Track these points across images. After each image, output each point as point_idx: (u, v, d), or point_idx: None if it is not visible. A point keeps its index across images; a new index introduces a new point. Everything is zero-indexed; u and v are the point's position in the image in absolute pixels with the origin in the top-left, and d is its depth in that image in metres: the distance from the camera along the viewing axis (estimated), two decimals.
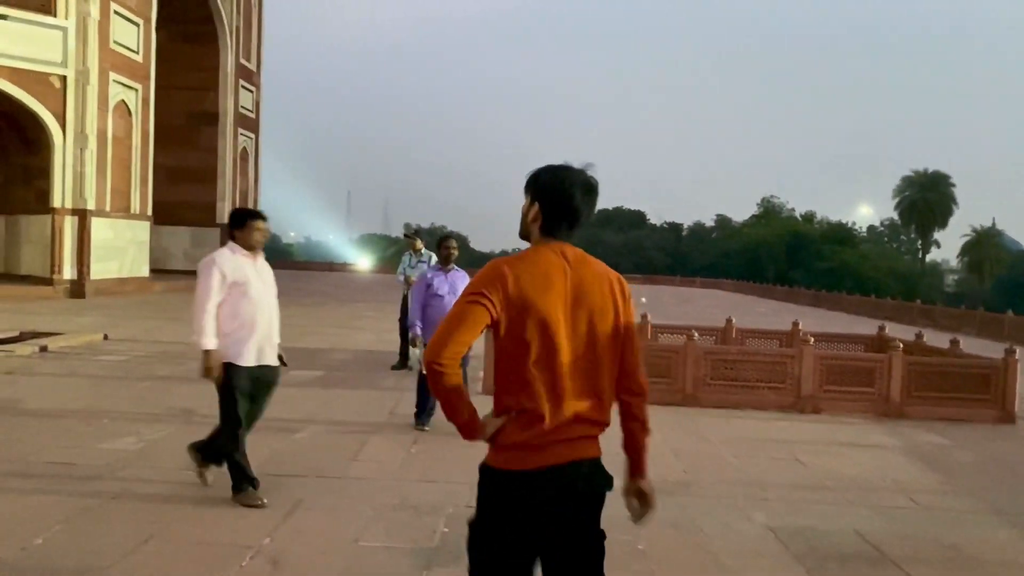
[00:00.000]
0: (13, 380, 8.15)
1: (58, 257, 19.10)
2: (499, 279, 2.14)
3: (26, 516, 4.25)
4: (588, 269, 2.26)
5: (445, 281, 6.90)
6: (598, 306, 2.21)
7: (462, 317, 2.11)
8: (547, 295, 2.14)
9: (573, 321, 2.17)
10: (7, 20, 17.85)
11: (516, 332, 2.12)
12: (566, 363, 2.14)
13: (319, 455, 5.78)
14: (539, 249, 2.24)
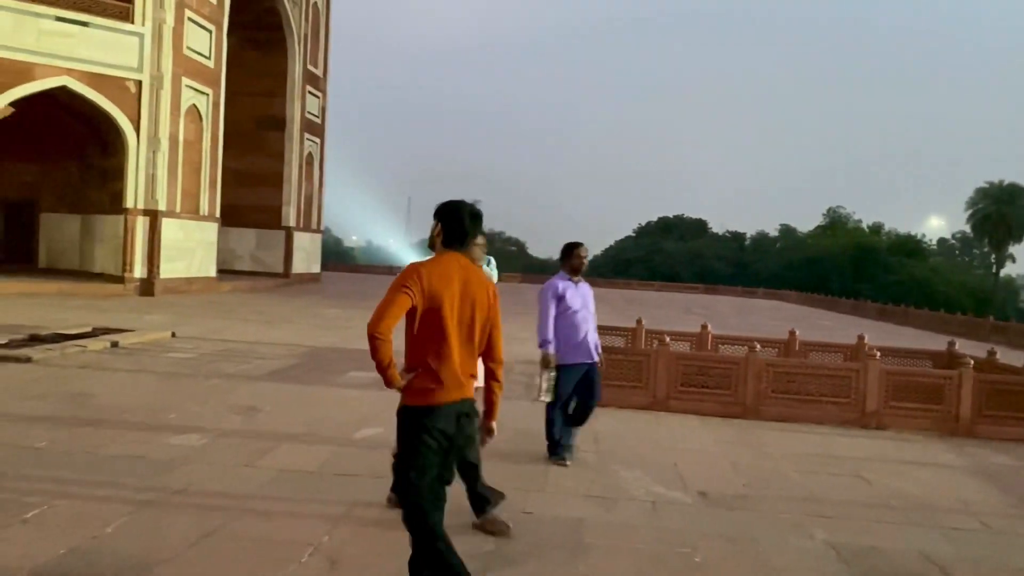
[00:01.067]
0: (86, 375, 8.45)
1: (130, 256, 19.73)
2: (418, 276, 3.13)
3: (97, 506, 4.40)
4: (474, 274, 3.27)
5: (577, 294, 6.11)
6: (479, 300, 3.24)
7: (394, 302, 3.08)
8: (448, 289, 3.15)
9: (461, 308, 3.19)
10: (88, 27, 18.55)
11: (426, 313, 3.12)
12: (456, 337, 3.16)
13: (375, 456, 5.83)
14: (443, 256, 3.25)
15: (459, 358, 3.18)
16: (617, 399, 8.21)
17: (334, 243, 68.37)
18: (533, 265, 73.39)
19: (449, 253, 3.26)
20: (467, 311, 3.21)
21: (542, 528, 4.56)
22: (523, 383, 9.59)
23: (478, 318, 3.24)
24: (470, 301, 3.22)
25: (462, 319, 3.20)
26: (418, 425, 3.13)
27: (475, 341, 3.26)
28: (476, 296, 3.24)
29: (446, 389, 3.14)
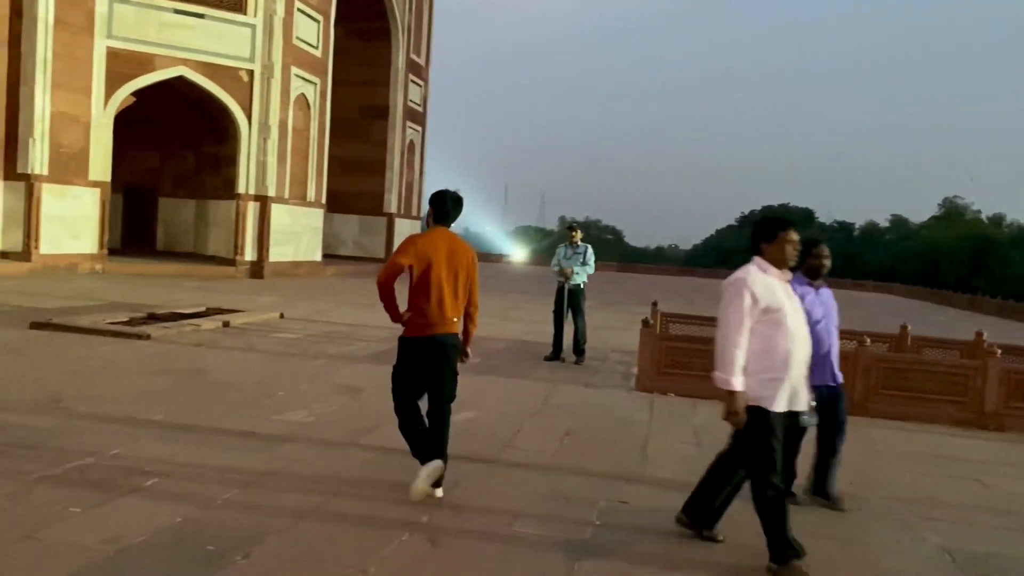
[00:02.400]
0: (200, 352, 8.85)
1: (241, 240, 20.55)
2: (412, 244, 4.49)
3: (209, 478, 4.60)
4: (457, 244, 4.59)
5: (818, 301, 4.88)
6: (461, 263, 4.55)
7: (394, 263, 4.41)
8: (435, 254, 4.47)
9: (447, 268, 4.49)
10: (204, 19, 19.35)
11: (420, 272, 4.44)
12: (442, 288, 4.45)
13: (475, 439, 5.90)
14: (433, 230, 4.60)
15: (444, 304, 4.48)
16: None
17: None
18: (630, 254, 72.80)
19: (438, 228, 4.64)
20: (451, 270, 4.53)
21: (639, 518, 4.51)
22: (620, 372, 9.51)
23: (460, 276, 4.57)
24: (453, 263, 4.54)
25: (447, 276, 4.50)
26: (411, 347, 4.56)
27: (458, 293, 4.56)
28: (459, 260, 4.57)
29: (433, 325, 4.49)
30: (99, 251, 18.40)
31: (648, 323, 8.60)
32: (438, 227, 4.62)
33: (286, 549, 3.68)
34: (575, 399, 7.72)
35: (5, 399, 6.09)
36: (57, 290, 14.05)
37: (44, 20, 16.85)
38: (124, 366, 7.73)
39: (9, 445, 4.91)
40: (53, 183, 17.22)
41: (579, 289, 9.91)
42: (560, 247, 10.10)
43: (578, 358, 9.82)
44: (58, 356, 7.95)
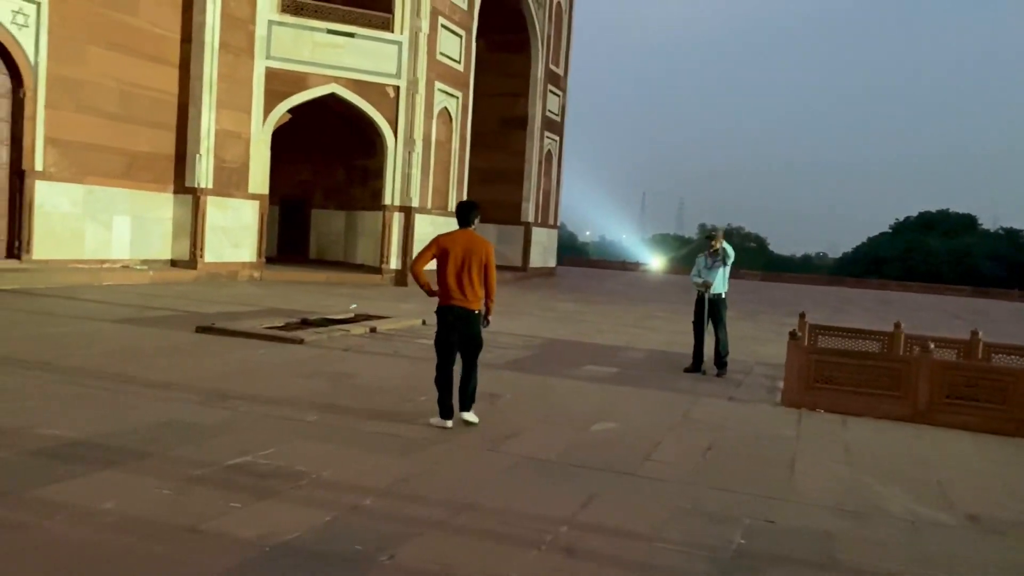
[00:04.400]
0: (349, 356, 9.23)
1: (386, 249, 21.33)
2: (436, 241, 6.17)
3: (358, 479, 4.77)
4: (475, 240, 6.12)
5: None
6: (475, 256, 6.06)
7: (423, 253, 6.15)
8: (453, 248, 6.05)
9: (462, 258, 6.03)
10: (354, 38, 20.24)
11: (441, 261, 6.09)
12: (457, 272, 6.04)
13: (613, 450, 5.85)
14: (455, 230, 6.20)
15: (460, 283, 6.07)
16: (871, 408, 7.62)
17: (568, 238, 69.49)
18: (774, 262, 70.21)
19: (460, 229, 6.25)
20: (465, 260, 6.07)
21: (786, 539, 4.33)
22: (765, 386, 9.17)
23: (474, 265, 6.08)
24: (468, 255, 6.07)
25: (462, 264, 6.06)
26: (440, 314, 6.22)
27: (473, 278, 6.08)
28: (473, 253, 6.09)
29: (451, 298, 6.12)
30: (257, 259, 19.57)
31: (796, 335, 8.26)
32: (460, 228, 6.25)
33: (429, 552, 3.77)
34: (717, 413, 7.52)
35: (172, 397, 6.56)
36: (219, 296, 15.04)
37: (210, 44, 18.12)
38: (280, 369, 8.17)
39: (177, 441, 5.28)
40: (217, 196, 18.47)
41: (720, 299, 9.65)
42: (699, 256, 9.87)
43: (720, 370, 9.55)
44: (220, 358, 8.50)
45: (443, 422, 6.12)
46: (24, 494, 4.09)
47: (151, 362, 8.04)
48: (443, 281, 6.11)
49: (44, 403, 6.06)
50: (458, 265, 6.05)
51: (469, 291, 6.07)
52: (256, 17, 18.99)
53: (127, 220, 17.27)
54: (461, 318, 6.12)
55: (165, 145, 18.00)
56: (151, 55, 17.45)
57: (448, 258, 6.06)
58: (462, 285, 6.05)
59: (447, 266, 6.07)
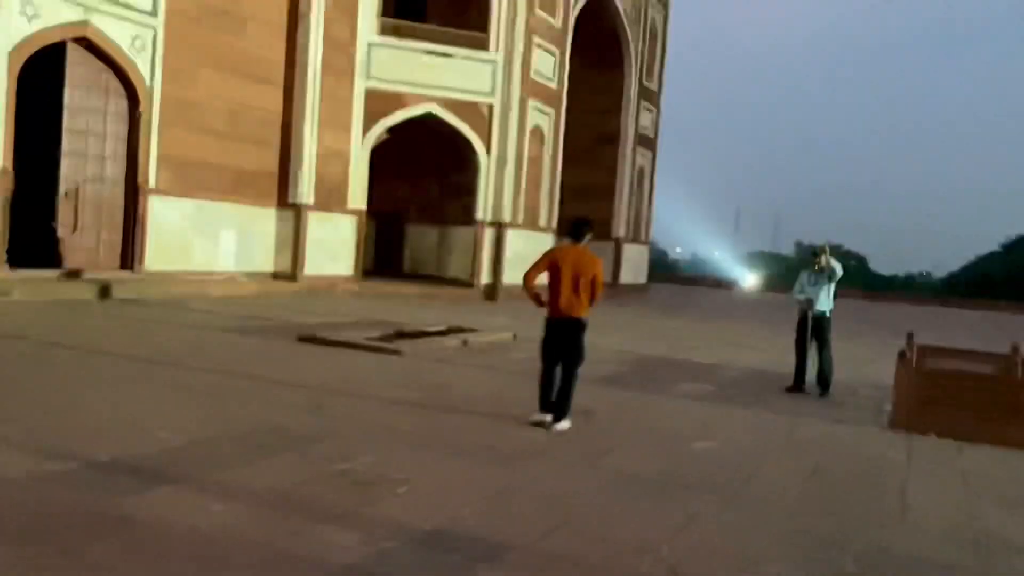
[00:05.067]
0: (443, 368, 9.32)
1: (478, 264, 21.54)
2: (548, 254, 6.73)
3: (456, 489, 4.79)
4: (586, 254, 6.57)
5: None
6: (583, 269, 6.45)
7: (535, 266, 6.61)
8: (563, 262, 6.48)
9: (571, 272, 6.42)
10: (451, 58, 20.60)
11: (552, 275, 6.49)
12: (566, 285, 6.43)
13: (714, 470, 5.70)
14: (564, 246, 6.76)
15: (566, 296, 6.44)
16: (989, 434, 7.20)
17: (659, 255, 68.59)
18: (876, 281, 67.62)
19: (571, 244, 6.66)
20: (574, 274, 6.43)
21: (902, 568, 4.11)
22: (872, 408, 8.79)
23: (581, 279, 6.42)
24: (576, 269, 6.44)
25: (570, 278, 6.42)
26: (547, 325, 6.64)
27: (580, 292, 6.44)
28: (582, 267, 6.46)
29: (558, 310, 6.50)
30: (354, 272, 20.04)
31: (905, 355, 7.90)
32: (571, 243, 6.69)
33: (527, 563, 3.73)
34: (821, 434, 7.24)
35: (276, 404, 6.75)
36: (318, 307, 15.45)
37: (313, 66, 18.75)
38: (378, 378, 8.31)
39: (281, 448, 5.41)
40: (317, 211, 19.03)
41: (824, 317, 9.32)
42: (803, 272, 9.57)
43: (823, 391, 9.21)
44: (321, 367, 8.70)
45: (541, 416, 6.56)
46: (143, 494, 4.26)
47: (255, 370, 8.30)
48: (554, 294, 6.50)
49: (157, 407, 6.32)
50: (568, 279, 6.43)
51: (576, 304, 6.48)
52: (357, 39, 19.55)
53: (233, 234, 17.97)
54: (566, 328, 6.54)
55: (269, 162, 18.68)
56: (258, 76, 18.18)
57: (559, 272, 6.45)
58: (571, 298, 6.45)
59: (558, 280, 6.45)
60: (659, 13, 31.52)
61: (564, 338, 6.55)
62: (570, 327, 6.52)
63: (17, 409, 5.91)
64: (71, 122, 14.87)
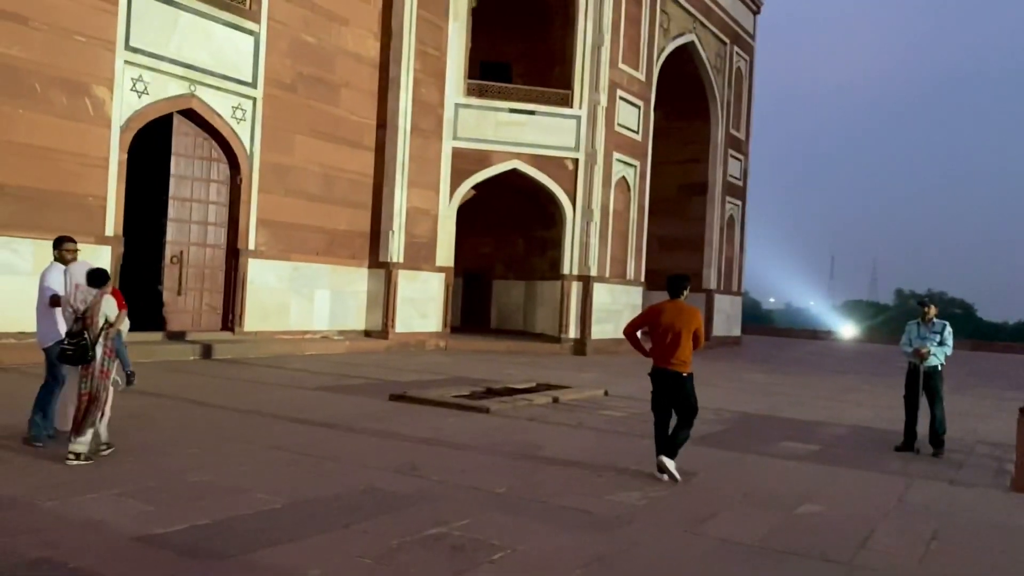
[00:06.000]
0: (534, 426, 9.21)
1: (565, 318, 21.44)
2: (648, 310, 7.12)
3: (551, 555, 4.65)
4: (685, 308, 6.85)
5: None
6: (679, 324, 6.72)
7: (635, 321, 7.24)
8: (662, 317, 6.80)
9: (670, 326, 6.73)
10: (535, 115, 20.89)
11: (653, 328, 6.86)
12: (666, 338, 6.74)
13: (822, 536, 5.39)
14: (665, 301, 6.98)
15: (666, 348, 6.74)
16: None
17: (752, 306, 67.02)
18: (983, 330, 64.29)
19: (670, 300, 6.93)
20: (674, 327, 6.72)
21: None
22: (991, 468, 8.23)
23: (683, 331, 6.71)
24: (676, 323, 6.72)
25: (670, 331, 6.72)
26: (653, 376, 6.90)
27: (682, 344, 6.71)
28: (676, 322, 6.73)
29: (660, 361, 6.81)
30: (443, 329, 20.25)
31: None
32: (671, 299, 6.94)
33: None
34: (938, 497, 6.79)
35: (370, 464, 6.76)
36: (409, 364, 15.61)
37: (403, 128, 19.30)
38: (468, 437, 8.26)
39: (375, 510, 5.40)
40: (407, 269, 19.39)
41: (936, 371, 8.83)
42: (910, 324, 9.12)
43: (936, 450, 8.67)
44: (412, 426, 8.72)
45: (659, 458, 6.78)
46: (241, 558, 4.29)
47: (348, 429, 8.38)
48: (655, 346, 6.84)
49: (255, 468, 6.42)
50: (669, 332, 6.73)
51: (679, 356, 6.73)
52: (444, 101, 20.07)
53: (327, 293, 18.45)
54: (672, 381, 6.81)
55: (361, 223, 19.20)
56: (350, 140, 18.82)
57: (659, 326, 6.78)
58: (673, 351, 6.73)
59: (659, 333, 6.79)
60: (744, 61, 31.33)
61: (673, 392, 6.84)
62: (674, 379, 6.79)
63: (127, 469, 6.09)
64: (176, 190, 15.67)
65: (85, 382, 6.29)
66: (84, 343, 6.24)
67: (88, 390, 6.28)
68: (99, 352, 6.33)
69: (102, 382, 6.36)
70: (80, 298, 6.37)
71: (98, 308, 6.32)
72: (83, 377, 6.30)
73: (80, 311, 6.31)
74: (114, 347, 6.53)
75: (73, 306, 6.35)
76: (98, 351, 6.33)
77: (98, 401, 6.30)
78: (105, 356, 6.38)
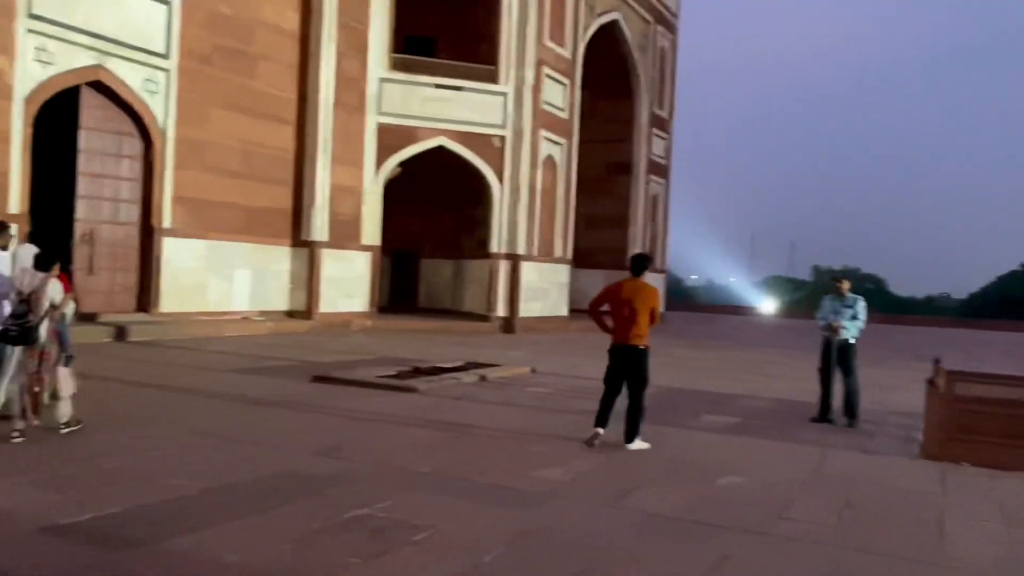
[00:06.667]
0: (461, 405, 9.16)
1: (494, 297, 21.45)
2: (607, 288, 7.39)
3: (475, 534, 4.62)
4: (644, 287, 7.16)
5: None
6: (636, 301, 7.02)
7: (597, 298, 7.42)
8: (621, 294, 7.13)
9: (627, 303, 7.05)
10: (461, 91, 20.70)
11: (613, 306, 7.15)
12: (623, 316, 7.06)
13: (743, 508, 5.50)
14: (623, 279, 7.29)
15: (623, 325, 7.06)
16: (1018, 464, 6.96)
17: (675, 283, 68.28)
18: (895, 304, 66.96)
19: (630, 278, 7.21)
20: (628, 305, 7.03)
21: None
22: (901, 437, 8.55)
23: (640, 309, 7.01)
24: (631, 300, 7.03)
25: (627, 308, 7.02)
26: (611, 352, 7.22)
27: (638, 319, 7.01)
28: (635, 298, 7.03)
29: (619, 338, 7.11)
30: (369, 309, 20.00)
31: (934, 383, 7.68)
32: (630, 277, 7.23)
33: None
34: (851, 466, 7.02)
35: (292, 447, 6.61)
36: (333, 345, 15.36)
37: (325, 103, 18.88)
38: (394, 418, 8.17)
39: (296, 494, 5.27)
40: (331, 248, 19.05)
41: (849, 345, 9.11)
42: (825, 299, 9.38)
43: (850, 420, 8.98)
44: (336, 407, 8.57)
45: (595, 429, 7.15)
46: (154, 545, 4.13)
47: (270, 412, 8.18)
48: (615, 322, 7.11)
49: (169, 453, 6.20)
50: (627, 308, 7.01)
51: (635, 331, 7.03)
52: (368, 75, 19.69)
53: (247, 273, 17.98)
54: (628, 355, 7.10)
55: (282, 200, 18.75)
56: (270, 115, 18.31)
57: (619, 302, 7.09)
58: (630, 326, 7.02)
59: (621, 310, 7.06)
60: (667, 40, 31.64)
61: (628, 365, 7.12)
62: (633, 355, 7.08)
63: (36, 455, 5.81)
64: (86, 165, 14.98)
65: (32, 362, 6.42)
66: (28, 325, 6.33)
67: (34, 371, 6.43)
68: (42, 334, 6.42)
69: (45, 363, 6.49)
70: (27, 281, 6.45)
71: (44, 291, 6.41)
72: (29, 358, 6.42)
73: (25, 294, 6.40)
74: (57, 329, 6.61)
75: (18, 288, 6.43)
76: (42, 333, 6.41)
77: (43, 382, 6.47)
78: (48, 338, 6.50)
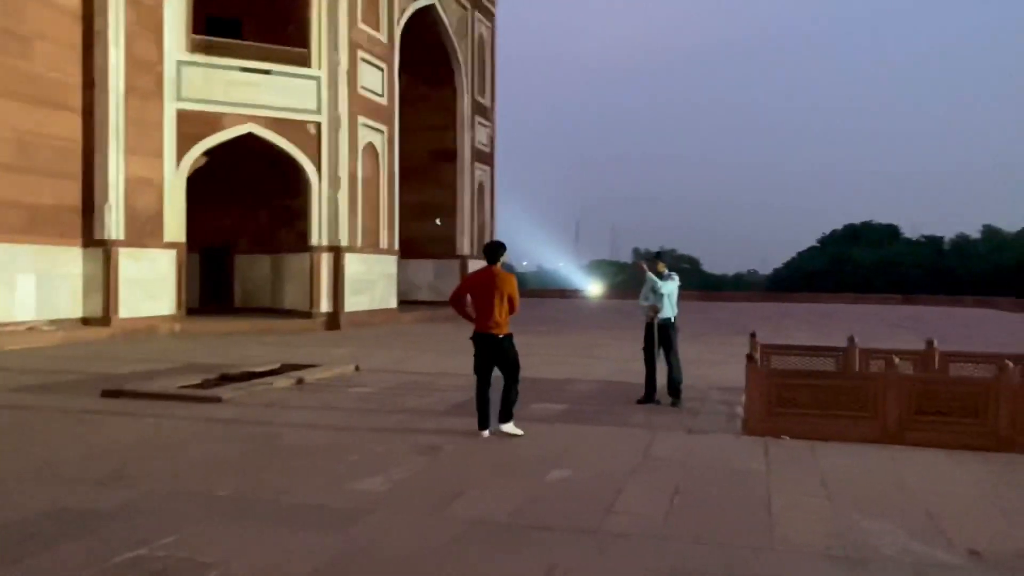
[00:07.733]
0: (272, 414, 8.39)
1: (316, 292, 20.41)
2: (467, 278, 7.58)
3: (274, 566, 4.01)
4: (501, 275, 7.16)
5: None
6: (498, 289, 7.05)
7: (459, 287, 7.46)
8: (483, 282, 7.16)
9: (489, 291, 7.06)
10: (270, 75, 19.47)
11: (473, 295, 7.23)
12: (486, 303, 7.07)
13: (572, 504, 5.19)
14: (483, 268, 7.30)
15: (487, 313, 7.04)
16: (838, 431, 7.14)
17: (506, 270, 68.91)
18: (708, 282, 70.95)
19: (487, 266, 7.23)
20: (490, 293, 7.02)
21: None
22: (724, 413, 8.64)
23: (496, 297, 7.00)
24: (492, 289, 7.02)
25: (490, 296, 7.02)
26: (475, 341, 7.19)
27: (501, 307, 7.03)
28: (496, 286, 7.02)
29: (482, 326, 7.09)
30: (177, 312, 18.45)
31: (753, 358, 7.76)
32: (487, 266, 7.23)
33: None
34: (679, 448, 6.93)
35: (68, 475, 5.69)
36: (134, 353, 13.97)
37: (115, 88, 17.16)
38: (192, 433, 7.31)
39: (58, 537, 4.43)
40: (130, 247, 17.38)
41: (670, 323, 9.12)
42: (648, 279, 9.35)
43: (674, 399, 8.99)
44: (127, 425, 7.59)
45: (480, 433, 7.14)
46: None
47: (44, 437, 7.10)
48: (476, 311, 7.14)
49: None
50: (488, 298, 7.03)
51: (495, 319, 7.04)
52: (164, 58, 18.10)
53: (31, 278, 16.08)
54: (493, 344, 7.11)
55: (70, 196, 16.89)
56: (50, 101, 16.41)
57: (479, 292, 7.11)
58: (492, 315, 7.03)
59: (479, 299, 7.11)
60: (486, 27, 31.48)
61: (494, 354, 7.14)
62: (496, 344, 7.11)
63: None
64: None
65: None
66: None
67: None
68: None
69: None
70: None
71: None
72: None
73: None
74: None
75: None
76: None
77: None
78: None
